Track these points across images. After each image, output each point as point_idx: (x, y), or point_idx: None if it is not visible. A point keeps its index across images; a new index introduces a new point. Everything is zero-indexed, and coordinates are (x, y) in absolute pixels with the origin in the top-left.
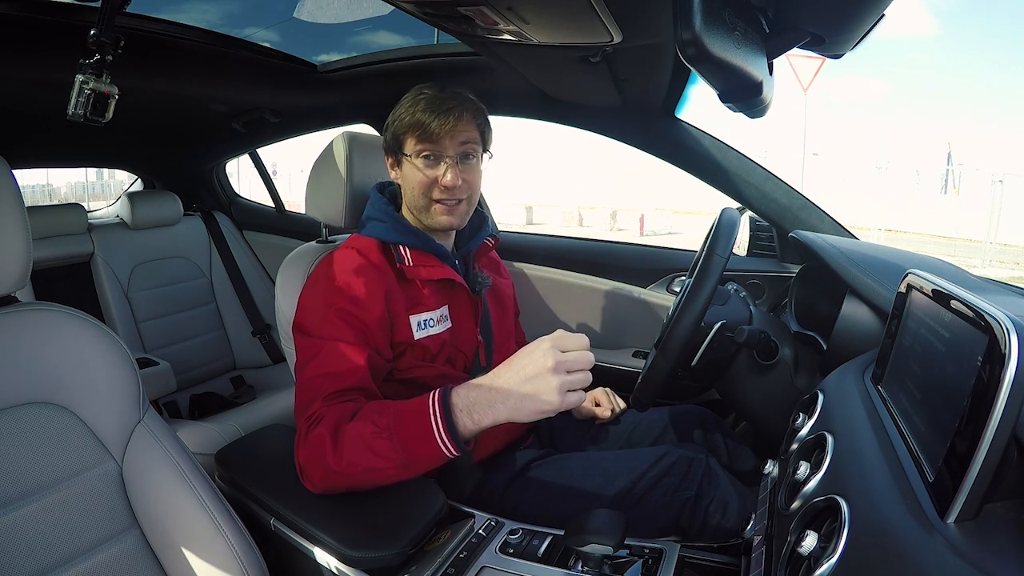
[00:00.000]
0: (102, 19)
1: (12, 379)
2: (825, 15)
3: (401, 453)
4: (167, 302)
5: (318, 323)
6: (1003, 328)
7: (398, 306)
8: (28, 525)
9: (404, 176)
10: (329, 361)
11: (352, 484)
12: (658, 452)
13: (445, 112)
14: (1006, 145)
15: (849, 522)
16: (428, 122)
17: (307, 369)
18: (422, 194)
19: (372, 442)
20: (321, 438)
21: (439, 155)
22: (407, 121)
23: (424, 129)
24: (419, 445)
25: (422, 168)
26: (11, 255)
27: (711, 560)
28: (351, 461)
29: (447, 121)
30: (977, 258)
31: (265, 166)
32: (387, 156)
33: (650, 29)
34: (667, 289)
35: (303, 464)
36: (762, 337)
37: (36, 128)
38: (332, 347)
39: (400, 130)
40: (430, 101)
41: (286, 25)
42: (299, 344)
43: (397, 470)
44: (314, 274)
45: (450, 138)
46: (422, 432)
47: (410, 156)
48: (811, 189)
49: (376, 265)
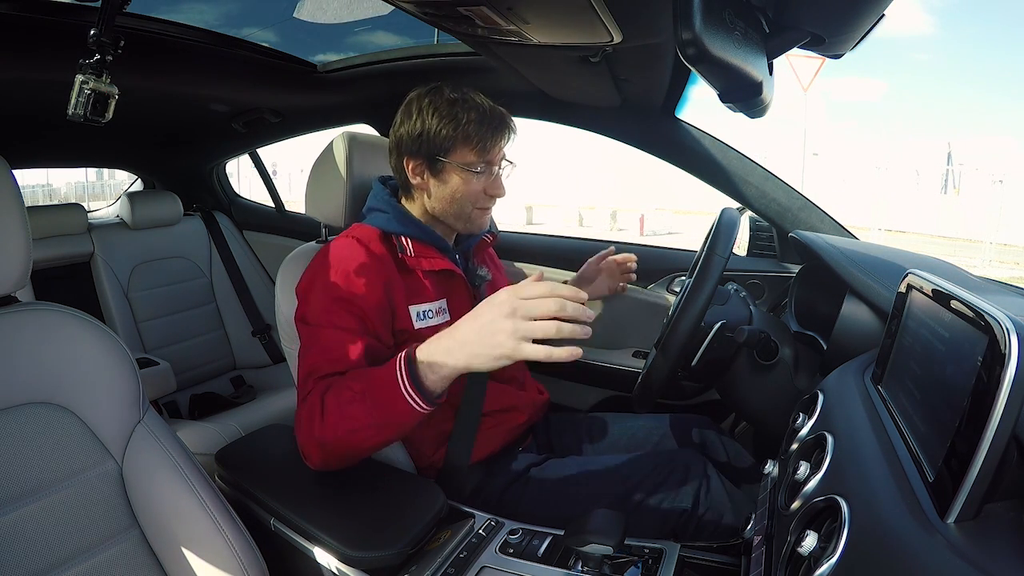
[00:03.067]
0: (102, 19)
1: (12, 379)
2: (825, 15)
3: (376, 414)
4: (167, 302)
5: (318, 312)
6: (1003, 328)
7: (398, 295)
8: (28, 525)
9: (444, 183)
10: (328, 348)
11: (342, 452)
12: (655, 458)
13: (499, 128)
14: (1005, 143)
15: (849, 522)
16: (487, 138)
17: (307, 356)
18: (468, 202)
19: (349, 408)
20: (311, 412)
21: (489, 168)
22: (458, 133)
23: (484, 144)
24: (391, 403)
25: (473, 179)
26: (11, 255)
27: (711, 560)
28: (334, 427)
29: (503, 137)
30: (977, 258)
31: (265, 166)
32: (410, 159)
33: (650, 29)
34: (667, 289)
35: (301, 443)
36: (762, 337)
37: (36, 128)
38: (331, 334)
39: (448, 141)
40: (481, 114)
41: (284, 26)
42: (301, 333)
43: (377, 430)
44: (313, 264)
45: (499, 152)
46: (391, 390)
47: (459, 166)
48: (811, 189)
49: (376, 254)
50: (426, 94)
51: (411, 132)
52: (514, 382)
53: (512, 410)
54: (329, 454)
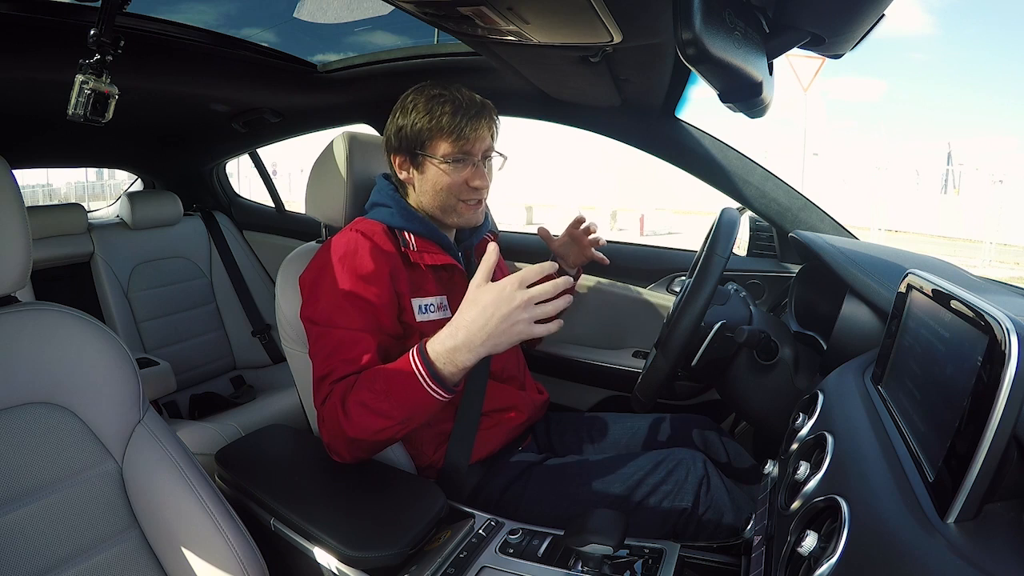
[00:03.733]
0: (102, 19)
1: (12, 379)
2: (825, 15)
3: (401, 410)
4: (167, 302)
5: (327, 311)
6: (1003, 328)
7: (403, 287)
8: (28, 525)
9: (425, 177)
10: (341, 348)
11: (370, 446)
12: (655, 458)
13: (475, 117)
14: (1005, 143)
15: (849, 522)
16: (462, 127)
17: (321, 358)
18: (450, 195)
19: (375, 406)
20: (335, 413)
21: (468, 158)
22: (433, 125)
23: (458, 134)
24: (414, 399)
25: (451, 171)
26: (11, 255)
27: (711, 560)
28: (363, 427)
29: (479, 126)
30: (977, 258)
31: (265, 166)
32: (395, 155)
33: (650, 29)
34: (667, 289)
35: (328, 441)
36: (762, 337)
37: (36, 128)
38: (343, 335)
39: (424, 134)
40: (456, 106)
41: (283, 26)
42: (310, 332)
43: (404, 424)
44: (318, 260)
45: (478, 142)
46: (412, 387)
47: (437, 159)
48: (811, 189)
49: (381, 247)
50: (413, 92)
51: (394, 128)
52: (514, 382)
53: (512, 410)
54: (358, 449)
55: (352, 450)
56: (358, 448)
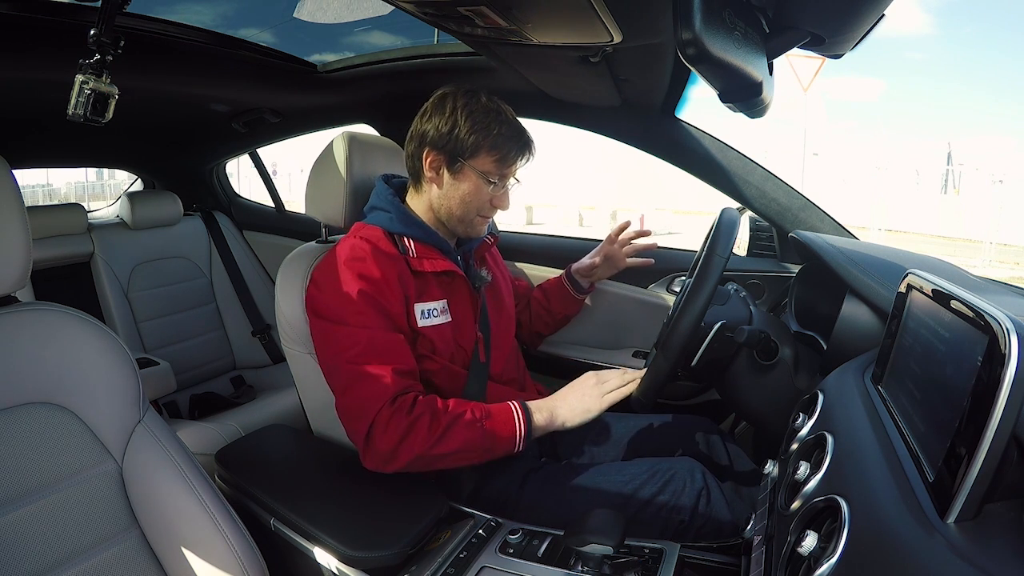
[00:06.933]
0: (102, 19)
1: (12, 379)
2: (825, 15)
3: (488, 442)
4: (167, 302)
5: (353, 312)
6: (1003, 328)
7: (409, 291)
8: (28, 525)
9: (458, 185)
10: (376, 351)
11: (435, 465)
12: (653, 467)
13: (523, 148)
14: (1005, 143)
15: (849, 522)
16: (511, 153)
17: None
18: (474, 209)
19: (467, 432)
20: (421, 424)
21: (502, 181)
22: (487, 141)
23: (505, 158)
24: (503, 439)
25: (485, 187)
26: (11, 255)
27: (711, 560)
28: (449, 446)
29: (523, 156)
30: (977, 258)
31: (265, 166)
32: (431, 152)
33: (650, 29)
34: (667, 289)
35: (384, 451)
36: (762, 337)
37: (36, 128)
38: (373, 335)
39: (476, 144)
40: (513, 130)
41: (282, 27)
42: (335, 333)
43: (480, 454)
44: (326, 266)
45: (515, 170)
46: (508, 429)
47: (478, 172)
48: (811, 189)
49: (386, 253)
50: (463, 95)
51: (440, 127)
52: (514, 383)
53: None
54: (422, 464)
55: (417, 463)
56: (422, 463)
